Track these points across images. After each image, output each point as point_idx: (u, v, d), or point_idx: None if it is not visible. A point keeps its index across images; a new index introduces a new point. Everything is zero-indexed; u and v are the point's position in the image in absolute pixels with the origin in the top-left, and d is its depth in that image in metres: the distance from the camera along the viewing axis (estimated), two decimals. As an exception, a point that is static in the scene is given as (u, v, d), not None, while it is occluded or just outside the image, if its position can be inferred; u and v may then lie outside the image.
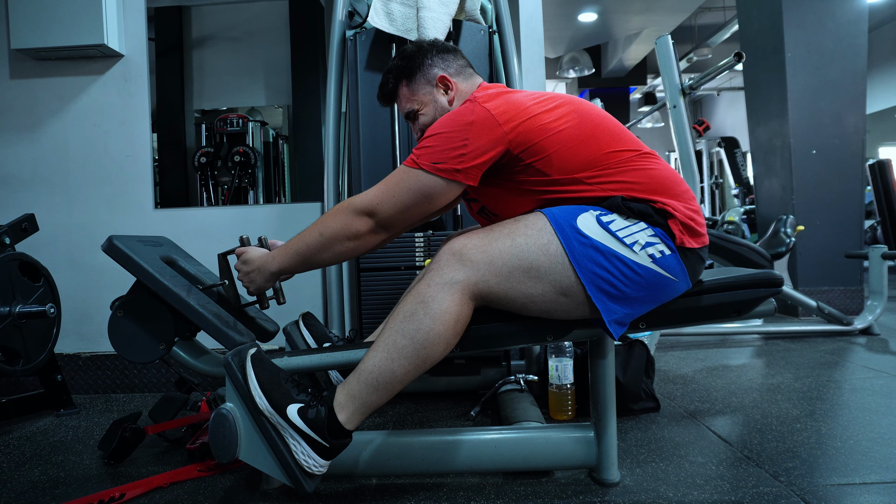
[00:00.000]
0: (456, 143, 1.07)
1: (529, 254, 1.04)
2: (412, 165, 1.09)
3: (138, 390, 2.21)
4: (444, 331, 1.02)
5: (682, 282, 1.08)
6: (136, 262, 1.25)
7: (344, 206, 1.13)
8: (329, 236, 1.12)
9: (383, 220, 1.11)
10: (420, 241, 1.85)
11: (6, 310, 1.64)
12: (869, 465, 1.28)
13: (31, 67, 2.27)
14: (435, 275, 1.04)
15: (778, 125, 3.56)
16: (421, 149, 1.10)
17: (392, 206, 1.10)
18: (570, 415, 1.66)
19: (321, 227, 1.13)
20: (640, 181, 1.09)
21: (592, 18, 6.56)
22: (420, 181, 1.08)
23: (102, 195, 2.26)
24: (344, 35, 1.99)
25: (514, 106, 1.10)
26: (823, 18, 3.45)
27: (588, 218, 1.06)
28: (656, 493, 1.18)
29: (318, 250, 1.14)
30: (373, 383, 1.03)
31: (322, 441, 1.02)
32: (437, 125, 1.12)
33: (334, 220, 1.12)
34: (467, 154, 1.07)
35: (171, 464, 1.44)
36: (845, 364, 2.28)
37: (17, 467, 1.47)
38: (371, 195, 1.11)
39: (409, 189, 1.09)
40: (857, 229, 3.48)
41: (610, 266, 1.03)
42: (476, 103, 1.10)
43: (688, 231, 1.08)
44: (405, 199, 1.09)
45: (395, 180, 1.10)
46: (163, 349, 1.28)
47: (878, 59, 7.34)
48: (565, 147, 1.09)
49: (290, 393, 1.04)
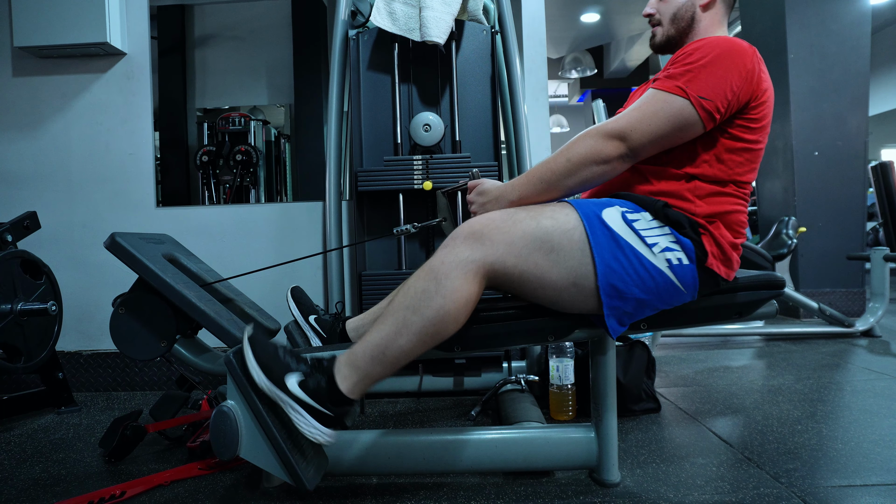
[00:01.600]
0: (728, 83, 1.03)
1: (553, 236, 1.03)
2: (676, 92, 1.04)
3: (139, 388, 2.21)
4: (454, 309, 1.01)
5: (689, 294, 1.07)
6: (138, 259, 1.25)
7: (593, 130, 1.08)
8: (577, 161, 1.07)
9: (635, 146, 1.06)
10: (419, 164, 1.84)
11: (8, 307, 1.64)
12: (870, 466, 1.27)
13: (34, 65, 2.27)
14: (449, 252, 1.03)
15: (780, 127, 3.56)
16: (687, 73, 1.05)
17: (646, 133, 1.05)
18: (570, 415, 1.66)
19: (568, 153, 1.08)
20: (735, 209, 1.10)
21: (595, 19, 6.55)
22: (682, 113, 1.04)
23: (104, 193, 2.26)
24: (346, 34, 1.99)
25: (770, 86, 1.10)
26: (826, 20, 3.44)
27: (613, 213, 1.06)
28: (657, 493, 1.18)
29: (564, 175, 1.08)
30: (378, 356, 1.03)
31: (325, 410, 1.01)
32: (706, 51, 1.06)
33: (583, 144, 1.07)
34: (731, 102, 1.05)
35: (172, 462, 1.44)
36: (847, 366, 2.27)
37: (19, 465, 1.47)
38: (624, 120, 1.06)
39: (668, 118, 1.04)
40: (859, 231, 3.47)
41: (626, 262, 1.02)
42: (755, 52, 1.07)
43: (722, 256, 1.08)
44: (661, 128, 1.05)
45: (652, 107, 1.05)
46: (164, 347, 1.28)
47: (881, 60, 7.34)
48: (746, 156, 1.10)
49: (289, 365, 1.04)
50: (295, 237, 2.20)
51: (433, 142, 1.84)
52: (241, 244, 2.23)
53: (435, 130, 1.83)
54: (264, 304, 1.72)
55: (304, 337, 1.37)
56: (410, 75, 1.94)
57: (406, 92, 1.94)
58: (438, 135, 1.84)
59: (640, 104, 1.07)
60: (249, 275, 1.31)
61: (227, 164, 3.68)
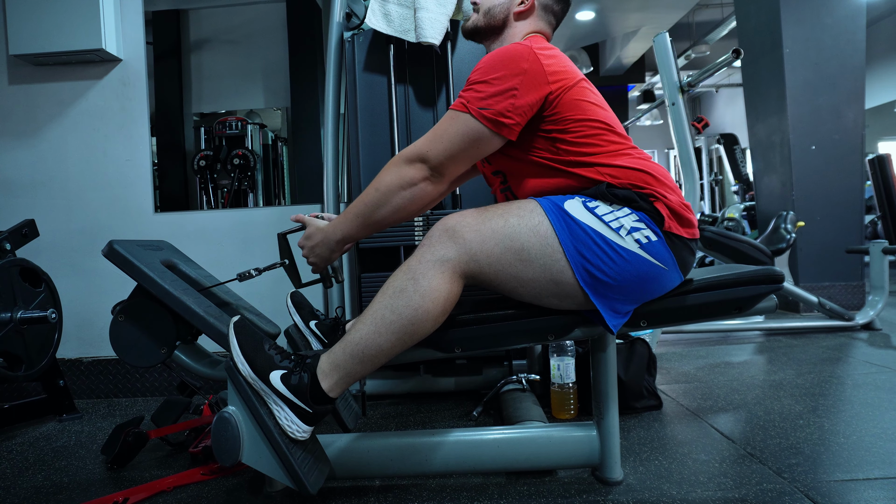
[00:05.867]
0: (507, 89, 1.06)
1: (521, 234, 1.04)
2: (461, 109, 1.08)
3: (140, 394, 2.21)
4: (432, 308, 1.01)
5: (672, 271, 1.07)
6: (136, 267, 1.25)
7: (395, 158, 1.12)
8: (384, 189, 1.11)
9: (435, 165, 1.10)
10: (419, 221, 1.84)
11: (7, 315, 1.64)
12: (872, 460, 1.28)
13: (30, 73, 2.27)
14: (426, 251, 1.03)
15: (777, 121, 3.56)
16: (470, 89, 1.09)
17: (443, 151, 1.09)
18: (572, 414, 1.66)
19: (376, 183, 1.12)
20: (633, 166, 1.10)
21: (590, 16, 6.55)
22: (468, 126, 1.08)
23: (102, 200, 2.26)
24: (342, 37, 1.99)
25: (566, 66, 1.12)
26: (821, 14, 3.45)
27: (575, 203, 1.06)
28: (660, 490, 1.18)
29: (375, 206, 1.12)
30: (358, 355, 1.03)
31: (305, 407, 1.02)
32: (488, 64, 1.10)
33: (388, 173, 1.12)
34: (518, 105, 1.07)
35: (174, 468, 1.44)
36: (847, 360, 2.28)
37: (21, 473, 1.47)
38: (420, 143, 1.11)
39: (458, 133, 1.08)
40: (858, 224, 3.48)
41: (597, 249, 1.03)
42: (530, 49, 1.09)
43: (676, 217, 1.08)
44: (455, 144, 1.09)
45: (444, 126, 1.10)
46: (164, 353, 1.28)
47: (877, 53, 7.34)
48: (584, 126, 1.10)
49: (274, 359, 1.05)
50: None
51: None
52: (239, 249, 2.23)
53: None
54: (264, 308, 1.72)
55: (304, 341, 1.37)
56: (406, 76, 1.94)
57: (402, 93, 1.94)
58: None
59: (436, 125, 1.11)
60: (249, 280, 1.31)
61: (224, 168, 3.68)
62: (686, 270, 1.11)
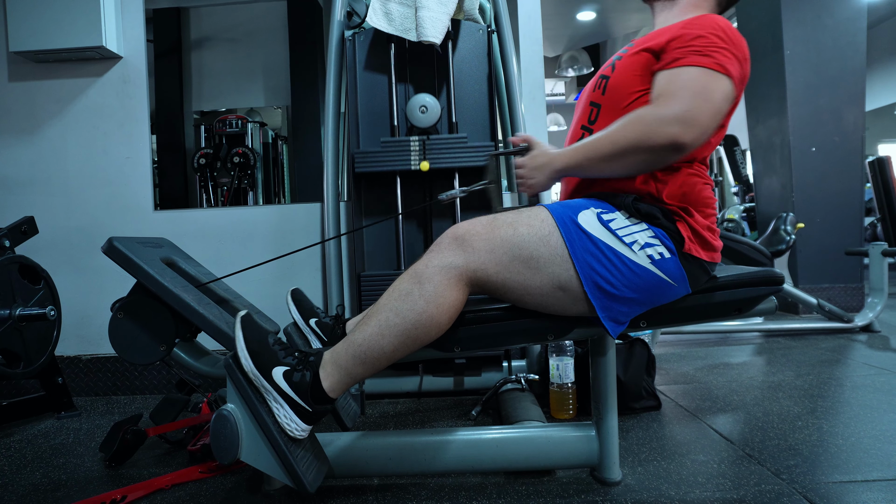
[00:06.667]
0: (735, 54, 1.03)
1: (530, 244, 1.03)
2: (718, 69, 0.99)
3: (139, 392, 2.21)
4: (437, 313, 1.01)
5: (680, 287, 1.07)
6: (136, 264, 1.25)
7: (647, 114, 1.00)
8: (624, 146, 1.01)
9: (697, 133, 0.98)
10: (415, 143, 1.83)
11: (6, 312, 1.64)
12: (871, 462, 1.28)
13: (30, 70, 2.26)
14: (434, 256, 1.03)
15: (777, 123, 3.56)
16: (712, 51, 1.00)
17: (709, 113, 0.98)
18: (571, 414, 1.66)
19: (615, 136, 1.02)
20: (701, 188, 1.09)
21: (591, 17, 6.55)
22: (727, 89, 1.01)
23: (102, 197, 2.26)
24: (342, 35, 1.99)
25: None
26: (822, 16, 3.45)
27: (589, 215, 1.06)
28: (658, 491, 1.18)
29: (607, 158, 1.03)
30: (361, 356, 1.03)
31: (305, 405, 1.02)
32: (712, 33, 1.03)
33: (634, 128, 1.00)
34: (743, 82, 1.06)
35: (173, 465, 1.44)
36: (846, 361, 2.28)
37: (19, 470, 1.47)
38: (680, 103, 0.98)
39: (724, 96, 1.00)
40: (858, 226, 3.48)
41: (608, 263, 1.02)
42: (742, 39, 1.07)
43: (699, 240, 1.07)
44: (722, 107, 1.00)
45: (702, 84, 0.99)
46: (163, 350, 1.28)
47: (877, 55, 7.34)
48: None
49: (277, 355, 1.04)
50: (293, 239, 2.20)
51: (430, 123, 1.83)
52: (239, 247, 2.23)
53: (431, 112, 1.82)
54: (263, 306, 1.72)
55: (304, 339, 1.37)
56: (407, 75, 1.94)
57: (403, 92, 1.94)
58: (435, 116, 1.83)
59: (681, 86, 1.00)
60: (248, 278, 1.31)
61: (224, 166, 3.68)
62: (696, 287, 1.10)
